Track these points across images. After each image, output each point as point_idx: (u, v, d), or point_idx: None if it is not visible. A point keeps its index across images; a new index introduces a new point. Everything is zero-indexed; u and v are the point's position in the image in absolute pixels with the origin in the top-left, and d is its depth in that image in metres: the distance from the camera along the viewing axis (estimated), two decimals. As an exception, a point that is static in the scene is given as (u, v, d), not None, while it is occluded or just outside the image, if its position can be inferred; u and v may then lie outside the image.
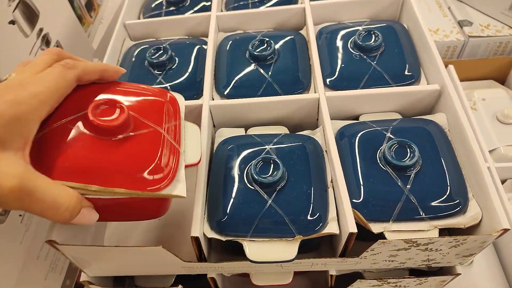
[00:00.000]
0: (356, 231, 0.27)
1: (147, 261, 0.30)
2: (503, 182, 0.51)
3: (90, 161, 0.24)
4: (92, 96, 0.26)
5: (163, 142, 0.26)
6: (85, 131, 0.25)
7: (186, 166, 0.27)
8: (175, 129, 0.28)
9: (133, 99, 0.28)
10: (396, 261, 0.30)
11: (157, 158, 0.25)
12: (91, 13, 0.60)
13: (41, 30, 0.45)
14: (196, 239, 0.28)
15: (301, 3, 0.45)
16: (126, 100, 0.27)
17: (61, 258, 0.47)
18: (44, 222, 0.42)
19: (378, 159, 0.31)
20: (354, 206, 0.30)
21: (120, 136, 0.25)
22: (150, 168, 0.25)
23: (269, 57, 0.38)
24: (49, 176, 0.23)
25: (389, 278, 0.32)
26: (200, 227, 0.29)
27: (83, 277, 0.33)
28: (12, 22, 0.40)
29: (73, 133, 0.25)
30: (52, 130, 0.25)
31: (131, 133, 0.26)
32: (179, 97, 0.30)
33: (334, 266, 0.31)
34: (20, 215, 0.40)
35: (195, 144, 0.28)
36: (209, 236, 0.29)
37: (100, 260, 0.31)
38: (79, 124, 0.25)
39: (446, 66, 0.61)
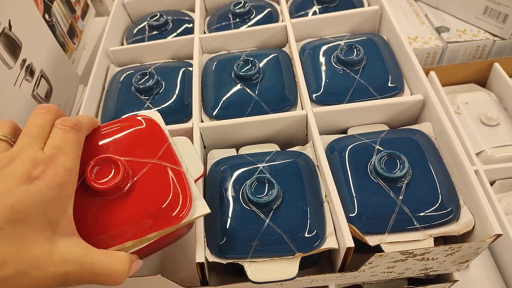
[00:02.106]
0: (353, 245, 0.27)
1: (147, 289, 0.30)
2: (491, 183, 0.52)
3: (114, 222, 0.25)
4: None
5: (165, 171, 0.27)
6: (93, 195, 0.26)
7: (195, 181, 0.28)
8: (169, 151, 0.28)
9: (118, 141, 0.28)
10: (394, 272, 0.31)
11: (168, 190, 0.26)
12: (74, 40, 0.60)
13: (24, 60, 0.45)
14: (201, 265, 0.28)
15: (282, 20, 0.46)
16: (112, 146, 0.28)
17: None
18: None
19: (369, 171, 0.32)
20: (349, 220, 0.30)
21: (127, 187, 0.26)
22: (167, 202, 0.26)
23: (255, 76, 0.39)
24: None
25: (388, 289, 0.32)
26: (203, 253, 0.29)
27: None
28: (-5, 56, 0.40)
29: (86, 200, 0.26)
30: None
31: (134, 179, 0.27)
32: (154, 115, 0.30)
33: (333, 281, 0.31)
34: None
35: (192, 156, 0.29)
36: (210, 260, 0.29)
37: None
38: (85, 189, 0.26)
39: (427, 73, 0.63)
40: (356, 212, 0.31)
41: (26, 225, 0.20)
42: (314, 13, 0.47)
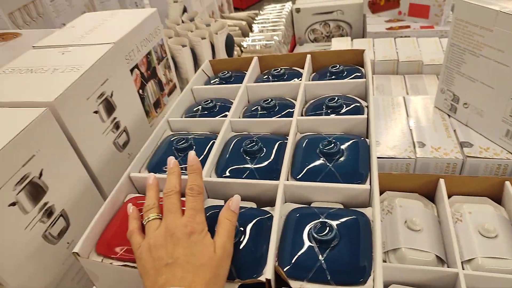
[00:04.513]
0: (269, 278, 0.37)
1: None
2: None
3: None
4: None
5: None
6: None
7: None
8: None
9: None
10: (310, 316, 0.39)
11: None
12: (157, 110, 0.81)
13: (115, 118, 0.66)
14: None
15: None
16: None
17: (89, 287, 0.60)
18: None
19: (307, 233, 0.42)
20: (285, 265, 0.40)
21: None
22: None
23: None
24: None
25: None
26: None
27: (92, 291, 0.46)
28: (96, 112, 0.61)
29: None
30: None
31: None
32: None
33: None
34: (68, 243, 0.55)
35: None
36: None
37: (104, 275, 0.44)
38: None
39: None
40: (292, 261, 0.40)
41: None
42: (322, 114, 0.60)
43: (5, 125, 0.49)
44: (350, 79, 0.66)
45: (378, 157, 0.76)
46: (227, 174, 0.52)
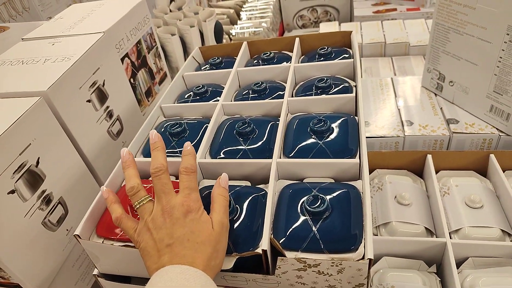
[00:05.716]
0: (265, 249, 0.39)
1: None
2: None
3: None
4: None
5: None
6: None
7: None
8: None
9: None
10: (306, 284, 0.41)
11: None
12: (149, 98, 0.82)
13: (108, 107, 0.66)
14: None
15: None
16: None
17: (90, 272, 0.62)
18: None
19: (300, 206, 0.44)
20: (280, 237, 0.41)
21: None
22: None
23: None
24: None
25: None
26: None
27: (95, 272, 0.47)
28: (89, 101, 0.62)
29: None
30: None
31: None
32: None
33: (260, 284, 0.42)
34: (67, 230, 0.56)
35: None
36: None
37: (105, 256, 0.45)
38: None
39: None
40: (286, 233, 0.42)
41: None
42: (312, 95, 0.61)
43: (0, 115, 0.50)
44: (338, 60, 0.68)
45: (368, 137, 0.78)
46: (221, 155, 0.53)
